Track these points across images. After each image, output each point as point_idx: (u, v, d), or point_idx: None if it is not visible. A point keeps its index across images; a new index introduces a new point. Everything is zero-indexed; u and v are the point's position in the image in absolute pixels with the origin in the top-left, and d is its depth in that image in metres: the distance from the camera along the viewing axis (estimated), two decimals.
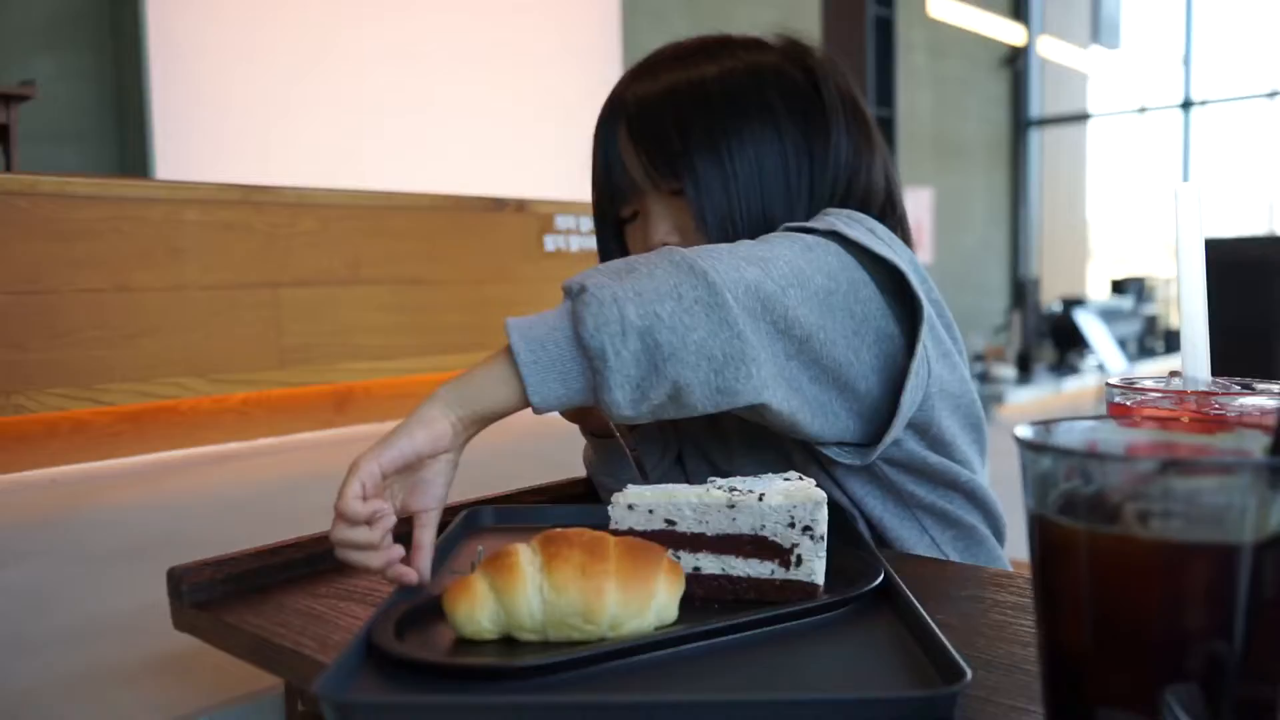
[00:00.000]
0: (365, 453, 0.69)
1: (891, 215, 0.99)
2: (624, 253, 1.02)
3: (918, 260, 0.89)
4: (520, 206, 2.13)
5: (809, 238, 0.82)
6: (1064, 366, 5.75)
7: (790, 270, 0.77)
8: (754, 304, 0.73)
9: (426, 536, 0.73)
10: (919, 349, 0.80)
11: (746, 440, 0.95)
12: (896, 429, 0.81)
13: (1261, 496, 0.38)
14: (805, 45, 0.99)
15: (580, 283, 0.71)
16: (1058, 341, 5.88)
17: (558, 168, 3.59)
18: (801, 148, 0.93)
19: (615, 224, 1.02)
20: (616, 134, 0.96)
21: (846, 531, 0.83)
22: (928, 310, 0.81)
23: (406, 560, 0.71)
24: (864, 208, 0.96)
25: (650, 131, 0.93)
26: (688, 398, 0.72)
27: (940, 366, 0.87)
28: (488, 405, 0.72)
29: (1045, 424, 0.45)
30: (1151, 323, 6.60)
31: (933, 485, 0.90)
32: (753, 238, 0.91)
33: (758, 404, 0.74)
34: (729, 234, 0.91)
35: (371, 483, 0.68)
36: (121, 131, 3.03)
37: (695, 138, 0.91)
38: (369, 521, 0.68)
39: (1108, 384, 0.64)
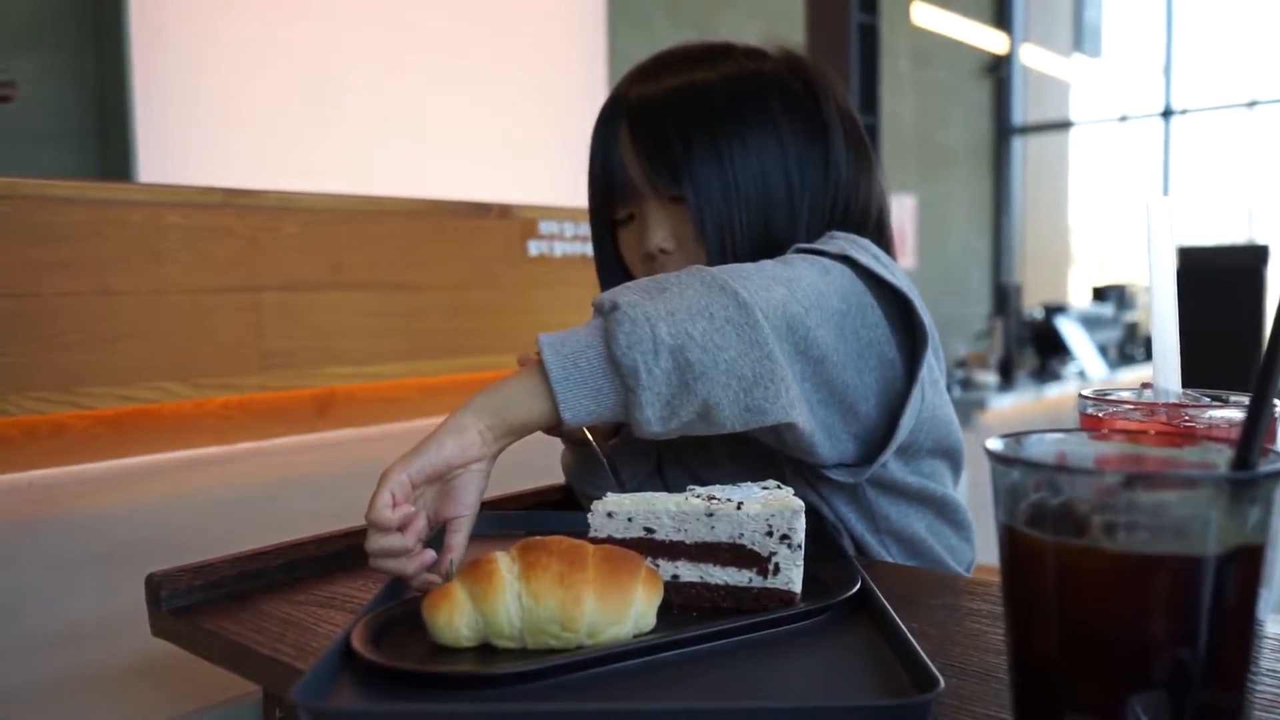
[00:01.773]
0: (395, 463, 0.70)
1: (881, 238, 0.99)
2: (618, 253, 1.02)
3: (913, 286, 0.90)
4: (504, 212, 2.13)
5: (824, 260, 0.82)
6: (1045, 373, 5.78)
7: (813, 292, 0.77)
8: (781, 324, 0.74)
9: (458, 540, 0.74)
10: (920, 375, 0.82)
11: (731, 450, 0.95)
12: (889, 452, 0.83)
13: (1224, 509, 0.39)
14: (803, 58, 0.99)
15: (612, 300, 0.72)
16: (1039, 348, 5.91)
17: (542, 173, 3.59)
18: (805, 160, 0.93)
19: (610, 225, 1.01)
20: (618, 134, 0.95)
21: (825, 541, 0.83)
22: (932, 339, 0.83)
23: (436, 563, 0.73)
24: (860, 229, 0.97)
25: (652, 135, 0.93)
26: (717, 415, 0.72)
27: (931, 392, 0.88)
28: (519, 418, 0.73)
29: (1015, 436, 0.46)
30: (1132, 330, 6.64)
31: (907, 505, 0.91)
32: (752, 248, 0.91)
33: (785, 423, 0.75)
34: (728, 243, 0.91)
35: (401, 492, 0.70)
36: (103, 133, 3.01)
37: (698, 145, 0.90)
38: (401, 528, 0.70)
39: (1080, 395, 0.65)
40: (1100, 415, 0.63)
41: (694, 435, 0.76)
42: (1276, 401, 0.44)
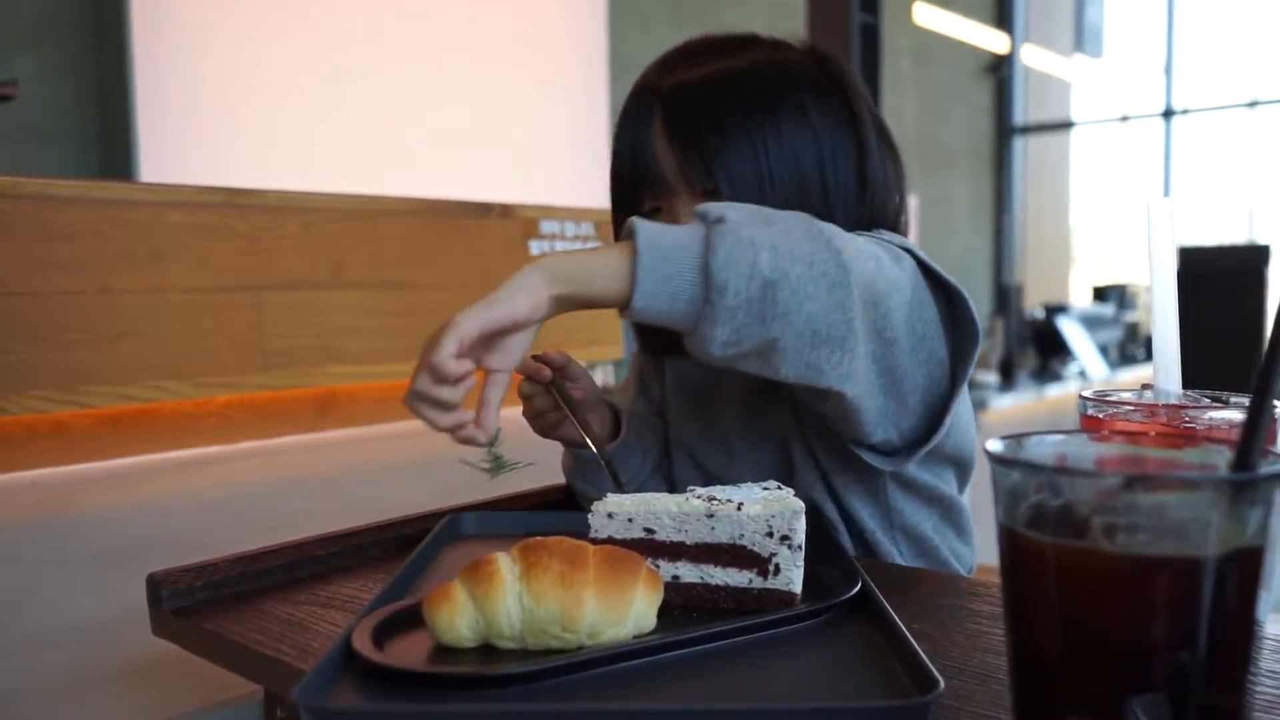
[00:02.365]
0: (465, 311, 0.69)
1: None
2: None
3: None
4: (505, 211, 2.13)
5: (894, 249, 0.82)
6: (1046, 373, 5.77)
7: (893, 276, 0.77)
8: (869, 299, 0.74)
9: (495, 395, 0.73)
10: (968, 374, 0.82)
11: (745, 445, 0.95)
12: (928, 447, 0.83)
13: (1224, 511, 0.39)
14: (826, 53, 0.97)
15: (720, 214, 0.71)
16: (1040, 348, 5.90)
17: (543, 172, 3.60)
18: (838, 152, 0.91)
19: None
20: (649, 125, 0.92)
21: (825, 541, 0.83)
22: (981, 341, 0.83)
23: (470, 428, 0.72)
24: (889, 230, 0.96)
25: (686, 127, 0.90)
26: (776, 359, 0.71)
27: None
28: (590, 292, 0.71)
29: (1016, 438, 0.46)
30: (1133, 330, 6.63)
31: (919, 503, 0.91)
32: None
33: (836, 391, 0.74)
34: None
35: (469, 343, 0.68)
36: (104, 133, 3.01)
37: (732, 135, 0.89)
38: (455, 381, 0.69)
39: (1081, 396, 0.65)
40: (1101, 416, 0.63)
41: (746, 371, 0.74)
42: (1277, 403, 0.44)
